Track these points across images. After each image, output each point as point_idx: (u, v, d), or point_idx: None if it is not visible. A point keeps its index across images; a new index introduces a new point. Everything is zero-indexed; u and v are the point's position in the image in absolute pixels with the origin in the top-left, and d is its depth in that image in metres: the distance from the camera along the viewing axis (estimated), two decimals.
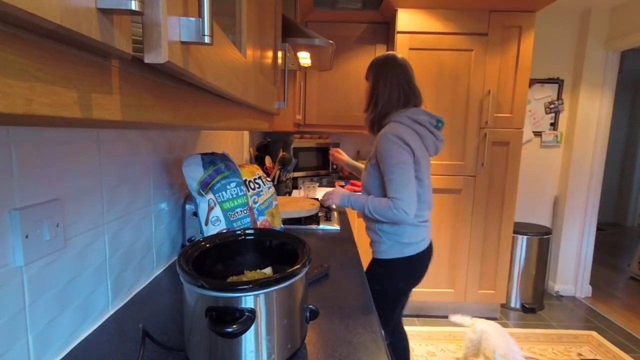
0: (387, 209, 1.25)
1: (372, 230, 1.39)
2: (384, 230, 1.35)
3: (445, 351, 2.19)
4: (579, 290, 2.98)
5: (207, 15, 0.31)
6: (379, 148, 1.28)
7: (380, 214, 1.28)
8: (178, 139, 1.13)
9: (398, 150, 1.24)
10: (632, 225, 5.21)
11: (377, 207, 1.28)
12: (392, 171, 1.24)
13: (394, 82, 1.33)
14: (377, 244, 1.39)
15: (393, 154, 1.24)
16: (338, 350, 0.69)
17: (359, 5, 2.53)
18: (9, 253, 0.53)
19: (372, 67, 1.38)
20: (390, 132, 1.26)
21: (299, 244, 0.72)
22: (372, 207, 1.28)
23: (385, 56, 1.37)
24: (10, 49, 0.18)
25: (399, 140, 1.24)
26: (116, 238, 0.81)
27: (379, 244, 1.38)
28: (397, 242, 1.34)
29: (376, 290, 1.28)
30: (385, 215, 1.26)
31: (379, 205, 1.28)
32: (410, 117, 1.30)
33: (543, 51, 2.84)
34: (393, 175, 1.24)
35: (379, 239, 1.37)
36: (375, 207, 1.28)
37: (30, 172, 0.56)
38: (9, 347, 0.54)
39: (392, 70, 1.33)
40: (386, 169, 1.26)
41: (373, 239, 1.41)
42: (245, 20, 0.62)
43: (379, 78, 1.34)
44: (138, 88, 0.32)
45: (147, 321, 0.78)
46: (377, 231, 1.37)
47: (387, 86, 1.33)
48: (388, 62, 1.35)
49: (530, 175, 2.99)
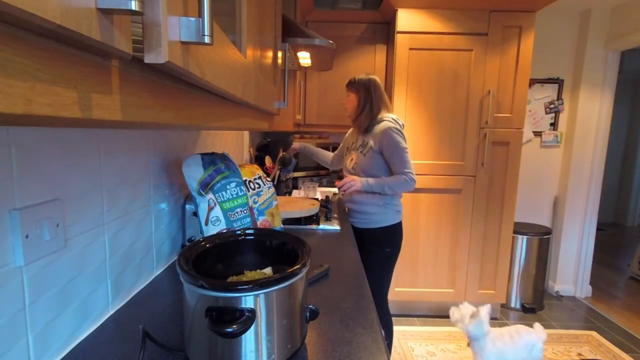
0: (404, 181, 1.64)
1: (377, 205, 1.73)
2: (388, 202, 1.73)
3: (445, 351, 2.19)
4: (579, 290, 2.98)
5: (207, 15, 0.31)
6: (387, 139, 1.65)
7: (399, 187, 1.66)
8: (178, 139, 1.13)
9: (401, 139, 1.66)
10: (632, 225, 5.21)
11: (395, 183, 1.65)
12: (402, 154, 1.65)
13: (379, 94, 1.74)
14: (381, 215, 1.73)
15: (400, 142, 1.65)
16: (338, 350, 0.69)
17: (359, 5, 2.53)
18: (9, 253, 0.53)
19: (361, 84, 1.73)
20: (392, 128, 1.66)
21: (299, 244, 0.72)
22: (392, 184, 1.65)
23: (368, 77, 1.75)
24: (10, 49, 0.18)
25: (400, 132, 1.67)
26: (116, 238, 0.81)
27: (383, 214, 1.73)
28: (395, 210, 1.76)
29: (388, 251, 1.76)
30: (403, 186, 1.65)
31: (396, 181, 1.65)
32: (394, 119, 1.71)
33: (543, 51, 2.84)
34: (403, 156, 1.65)
35: (383, 210, 1.73)
36: (394, 183, 1.65)
37: (30, 172, 0.56)
38: (9, 347, 0.54)
39: (377, 86, 1.74)
40: (398, 152, 1.64)
41: (375, 212, 1.74)
42: (245, 20, 0.62)
43: (370, 92, 1.72)
44: (138, 88, 0.32)
45: (147, 321, 0.78)
46: (382, 204, 1.73)
47: (377, 97, 1.73)
48: (372, 81, 1.74)
49: (530, 175, 2.99)
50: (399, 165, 1.65)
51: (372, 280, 1.66)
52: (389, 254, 1.76)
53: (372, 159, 1.71)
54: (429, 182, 2.43)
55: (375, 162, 1.71)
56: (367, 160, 1.73)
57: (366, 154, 1.72)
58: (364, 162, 1.73)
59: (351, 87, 1.77)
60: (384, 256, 1.75)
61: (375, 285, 1.70)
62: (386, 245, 1.75)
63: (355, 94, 1.76)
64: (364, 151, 1.73)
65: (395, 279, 2.55)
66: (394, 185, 1.65)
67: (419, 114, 2.39)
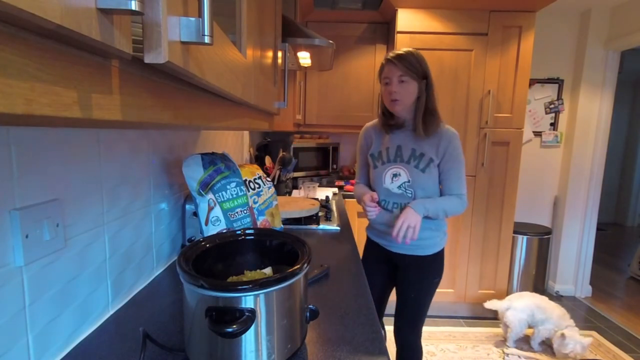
0: (460, 205, 1.33)
1: (429, 229, 1.36)
2: (441, 225, 1.40)
3: (445, 351, 2.19)
4: (579, 290, 2.98)
5: (207, 15, 0.31)
6: (453, 147, 1.30)
7: (454, 212, 1.33)
8: (178, 139, 1.13)
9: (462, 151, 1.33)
10: (632, 225, 5.21)
11: (451, 207, 1.32)
12: (461, 170, 1.33)
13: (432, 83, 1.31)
14: (433, 239, 1.38)
15: (462, 155, 1.33)
16: (338, 350, 0.69)
17: (359, 5, 2.53)
18: (9, 253, 0.53)
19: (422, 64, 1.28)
20: (457, 136, 1.32)
21: (299, 244, 0.72)
22: (449, 209, 1.32)
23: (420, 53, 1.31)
24: (10, 49, 0.18)
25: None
26: (116, 238, 0.81)
27: (434, 239, 1.39)
28: (445, 232, 1.42)
29: (436, 282, 1.42)
30: (457, 211, 1.33)
31: (451, 204, 1.32)
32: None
33: (543, 51, 2.84)
34: (461, 173, 1.33)
35: (436, 235, 1.39)
36: (451, 208, 1.32)
37: (30, 172, 0.56)
38: (9, 347, 0.54)
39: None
40: (456, 168, 1.32)
41: (427, 237, 1.37)
42: (245, 20, 0.62)
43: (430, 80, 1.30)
44: (138, 88, 0.32)
45: (147, 321, 0.78)
46: (435, 228, 1.38)
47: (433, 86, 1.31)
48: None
49: (530, 175, 2.99)
50: (456, 183, 1.32)
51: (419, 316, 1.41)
52: (436, 284, 1.41)
53: (430, 175, 1.32)
54: None
55: (434, 179, 1.34)
56: (426, 178, 1.32)
57: (425, 170, 1.31)
58: (423, 181, 1.32)
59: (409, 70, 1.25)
60: (430, 287, 1.40)
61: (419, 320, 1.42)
62: (435, 274, 1.40)
63: (414, 81, 1.27)
64: (421, 166, 1.31)
65: None
66: (451, 210, 1.32)
67: None
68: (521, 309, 2.15)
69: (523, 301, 2.17)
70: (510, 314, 2.17)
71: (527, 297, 2.20)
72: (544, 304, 2.14)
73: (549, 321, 2.10)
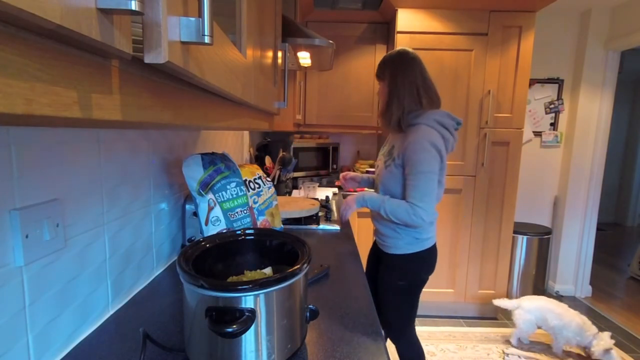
0: (406, 213, 1.25)
1: (389, 227, 1.36)
2: (402, 227, 1.34)
3: (445, 351, 2.19)
4: (579, 290, 2.98)
5: (207, 15, 0.31)
6: (411, 152, 1.24)
7: (396, 216, 1.26)
8: (178, 139, 1.13)
9: (430, 159, 1.23)
10: (632, 225, 5.21)
11: (395, 209, 1.26)
12: (420, 178, 1.23)
13: (412, 79, 1.29)
14: (394, 239, 1.36)
15: (425, 162, 1.23)
16: (338, 350, 0.69)
17: (359, 5, 2.53)
18: (9, 253, 0.53)
19: (387, 65, 1.31)
20: (425, 139, 1.24)
21: (299, 244, 0.72)
22: (390, 209, 1.27)
23: (398, 52, 1.31)
24: (10, 49, 0.18)
25: (432, 148, 1.23)
26: (116, 238, 0.81)
27: (395, 239, 1.36)
28: (415, 237, 1.34)
29: (401, 285, 1.38)
30: (402, 218, 1.26)
31: (397, 208, 1.26)
32: (438, 121, 1.28)
33: (543, 51, 2.84)
34: (419, 182, 1.23)
35: (397, 235, 1.35)
36: (394, 209, 1.26)
37: (30, 172, 0.56)
38: (9, 347, 0.54)
39: (409, 66, 1.29)
40: (414, 174, 1.24)
41: (388, 235, 1.37)
42: (245, 20, 0.62)
43: (397, 75, 1.29)
44: (138, 88, 0.32)
45: (147, 321, 0.78)
46: (395, 228, 1.35)
47: (407, 83, 1.28)
48: (403, 59, 1.30)
49: (530, 175, 2.99)
50: (410, 191, 1.25)
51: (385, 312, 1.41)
52: (401, 287, 1.37)
53: (390, 173, 1.31)
54: None
55: (394, 178, 1.31)
56: (385, 173, 1.34)
57: (388, 167, 1.33)
58: (383, 174, 1.35)
59: (379, 74, 1.35)
60: (396, 288, 1.38)
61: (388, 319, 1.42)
62: (401, 276, 1.37)
63: (382, 82, 1.34)
64: (387, 161, 1.35)
65: None
66: (392, 212, 1.26)
67: None
68: (529, 310, 2.14)
69: (533, 303, 2.15)
70: (517, 313, 2.17)
71: (538, 300, 2.17)
72: (560, 310, 2.08)
73: (568, 329, 2.03)
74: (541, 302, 2.15)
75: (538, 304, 2.15)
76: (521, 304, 2.18)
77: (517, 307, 2.19)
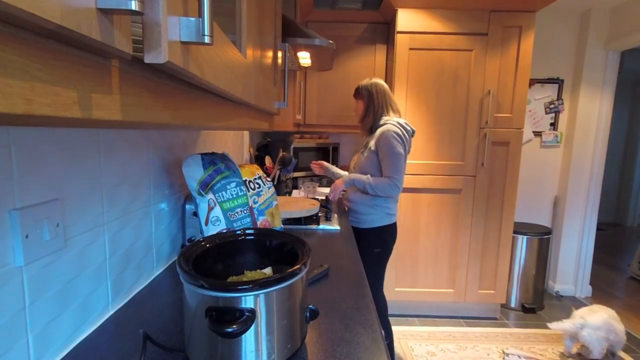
0: (387, 185, 1.69)
1: (366, 205, 1.79)
2: (378, 204, 1.78)
3: (445, 351, 2.19)
4: (579, 290, 2.98)
5: (207, 15, 0.31)
6: (383, 141, 1.69)
7: (380, 189, 1.70)
8: (178, 139, 1.13)
9: (397, 144, 1.69)
10: (632, 225, 5.21)
11: (377, 183, 1.70)
12: (392, 157, 1.68)
13: (382, 97, 1.79)
14: (370, 215, 1.79)
15: (395, 146, 1.69)
16: (338, 350, 0.69)
17: (359, 5, 2.53)
18: (9, 253, 0.53)
19: (364, 88, 1.81)
20: (392, 131, 1.70)
21: (299, 244, 0.72)
22: (374, 184, 1.70)
23: (371, 81, 1.82)
24: (10, 49, 0.18)
25: (398, 137, 1.70)
26: (116, 238, 0.81)
27: (372, 215, 1.79)
28: (386, 213, 1.80)
29: (377, 252, 1.83)
30: (384, 189, 1.69)
31: (380, 182, 1.70)
32: (400, 123, 1.74)
33: (543, 51, 2.84)
34: (394, 160, 1.68)
35: (372, 211, 1.79)
36: (377, 183, 1.70)
37: (30, 172, 0.56)
38: (9, 347, 0.54)
39: (380, 89, 1.80)
40: (389, 156, 1.68)
41: (365, 212, 1.79)
42: (245, 20, 0.62)
43: (372, 95, 1.80)
44: (138, 88, 0.32)
45: (147, 322, 0.78)
46: (372, 205, 1.78)
47: (379, 99, 1.79)
48: (374, 84, 1.81)
49: (530, 175, 2.99)
50: (387, 169, 1.70)
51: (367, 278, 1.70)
52: (377, 254, 1.81)
53: (369, 159, 1.77)
54: (429, 182, 2.43)
55: (371, 162, 1.77)
56: (364, 160, 1.79)
57: (365, 154, 1.79)
58: (362, 161, 1.80)
59: (357, 94, 1.85)
60: (373, 256, 1.81)
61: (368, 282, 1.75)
62: (375, 245, 1.80)
63: (361, 100, 1.84)
64: (364, 152, 1.80)
65: (395, 278, 2.55)
66: (376, 186, 1.69)
67: (419, 114, 2.39)
68: (598, 326, 1.99)
69: (598, 318, 2.01)
70: (586, 333, 1.99)
71: (600, 312, 2.04)
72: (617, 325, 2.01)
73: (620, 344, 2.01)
74: (603, 315, 2.01)
75: (602, 317, 2.00)
76: (587, 323, 2.00)
77: (583, 326, 2.00)
